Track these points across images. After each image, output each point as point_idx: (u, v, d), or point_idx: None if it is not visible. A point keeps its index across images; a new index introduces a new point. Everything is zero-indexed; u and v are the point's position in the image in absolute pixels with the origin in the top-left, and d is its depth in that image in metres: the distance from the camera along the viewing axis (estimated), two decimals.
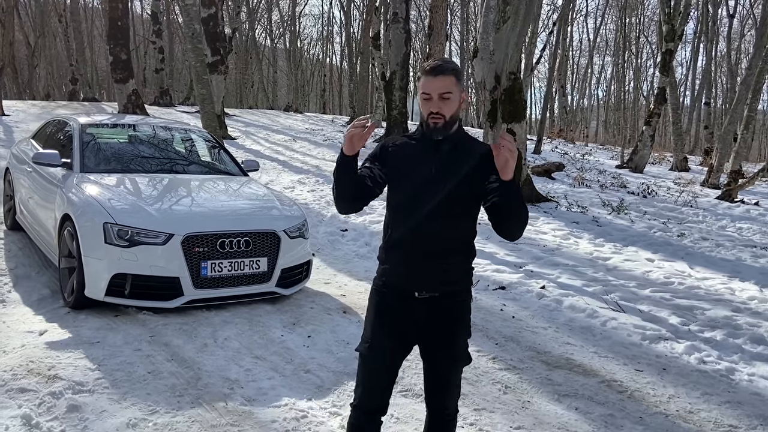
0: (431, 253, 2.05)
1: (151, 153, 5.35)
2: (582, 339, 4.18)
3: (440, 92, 2.01)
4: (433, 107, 2.02)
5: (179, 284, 3.97)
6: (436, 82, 2.01)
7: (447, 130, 2.05)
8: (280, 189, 9.90)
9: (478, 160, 2.07)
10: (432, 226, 2.04)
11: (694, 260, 6.98)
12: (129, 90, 16.34)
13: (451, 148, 2.08)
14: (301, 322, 4.06)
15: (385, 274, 2.13)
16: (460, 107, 2.10)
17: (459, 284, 2.13)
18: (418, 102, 2.08)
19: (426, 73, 2.04)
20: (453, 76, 2.04)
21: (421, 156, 2.08)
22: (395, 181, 2.10)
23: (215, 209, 4.39)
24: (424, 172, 2.06)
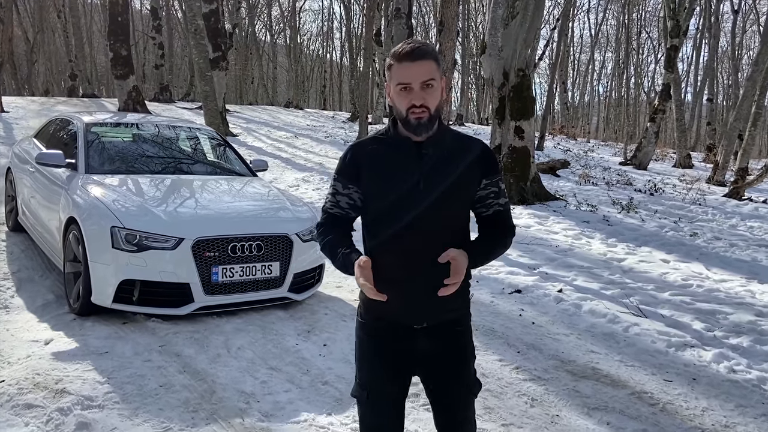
0: (427, 278, 1.73)
1: (157, 153, 5.20)
2: (606, 346, 4.04)
3: (423, 80, 1.68)
4: (416, 99, 1.68)
5: (189, 290, 3.82)
6: (416, 68, 1.68)
7: (432, 125, 1.73)
8: (284, 187, 9.76)
9: (469, 162, 1.79)
10: (424, 249, 1.73)
11: (710, 261, 6.85)
12: (129, 86, 16.19)
13: (436, 151, 1.76)
14: (316, 330, 3.92)
15: (372, 307, 1.80)
16: (443, 98, 1.78)
17: (461, 307, 1.87)
18: (391, 96, 1.73)
19: (400, 58, 1.69)
20: (433, 60, 1.71)
21: (401, 164, 1.75)
22: (374, 199, 1.77)
23: (225, 212, 4.24)
24: (408, 183, 1.73)
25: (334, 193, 1.84)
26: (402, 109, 1.72)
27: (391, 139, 1.79)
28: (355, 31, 36.12)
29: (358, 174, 1.78)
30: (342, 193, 1.82)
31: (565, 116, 35.99)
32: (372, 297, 1.67)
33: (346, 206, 1.82)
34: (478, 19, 37.43)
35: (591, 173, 14.19)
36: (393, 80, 1.72)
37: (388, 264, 1.75)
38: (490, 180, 1.82)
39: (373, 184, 1.76)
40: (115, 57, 16.20)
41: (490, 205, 1.85)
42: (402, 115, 1.72)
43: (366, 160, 1.77)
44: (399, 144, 1.76)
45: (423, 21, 39.82)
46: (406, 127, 1.72)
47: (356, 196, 1.81)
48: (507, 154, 9.46)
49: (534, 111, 9.86)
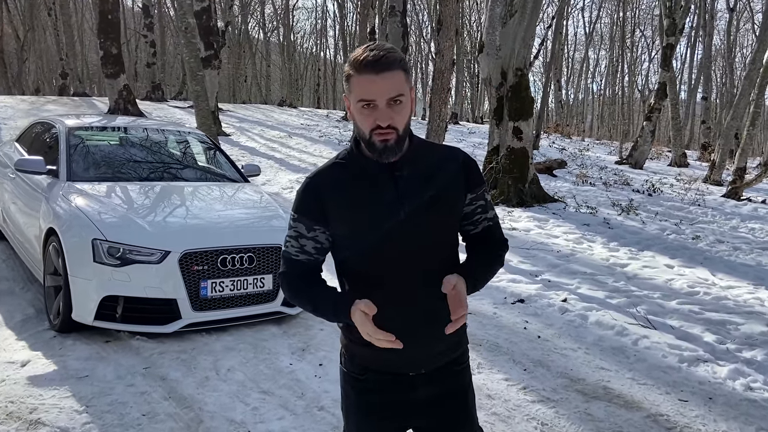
0: (418, 320, 1.51)
1: (143, 158, 4.97)
2: (616, 362, 3.85)
3: (390, 96, 1.39)
4: (382, 119, 1.39)
5: (176, 306, 3.60)
6: (381, 82, 1.37)
7: (401, 147, 1.45)
8: (278, 189, 9.55)
9: (451, 177, 1.53)
10: (414, 286, 1.49)
11: (715, 266, 6.69)
12: (120, 85, 15.91)
13: (412, 171, 1.49)
14: (311, 348, 3.71)
15: (359, 354, 1.56)
16: (413, 111, 1.52)
17: (459, 346, 1.63)
18: (352, 111, 1.45)
19: (362, 68, 1.38)
20: (401, 70, 1.41)
21: (374, 193, 1.47)
22: (348, 239, 1.49)
23: (215, 221, 4.01)
24: (388, 216, 1.45)
25: (297, 236, 1.53)
26: (365, 130, 1.43)
27: (357, 164, 1.49)
28: (349, 29, 35.87)
29: (322, 212, 1.48)
30: (307, 237, 1.52)
31: (560, 114, 35.90)
32: (387, 346, 1.40)
33: (313, 251, 1.53)
34: (473, 17, 37.24)
35: (588, 173, 14.06)
36: (353, 94, 1.42)
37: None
38: (476, 193, 1.57)
39: (345, 222, 1.48)
40: (105, 55, 15.91)
41: (478, 222, 1.61)
42: (365, 135, 1.43)
43: (330, 194, 1.48)
44: (367, 168, 1.48)
45: (417, 19, 39.57)
46: (371, 150, 1.45)
47: (323, 237, 1.52)
48: (505, 155, 9.27)
49: (532, 111, 9.68)
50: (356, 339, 1.50)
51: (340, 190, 1.47)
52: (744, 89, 15.31)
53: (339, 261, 1.56)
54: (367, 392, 1.58)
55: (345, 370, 1.63)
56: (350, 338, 1.57)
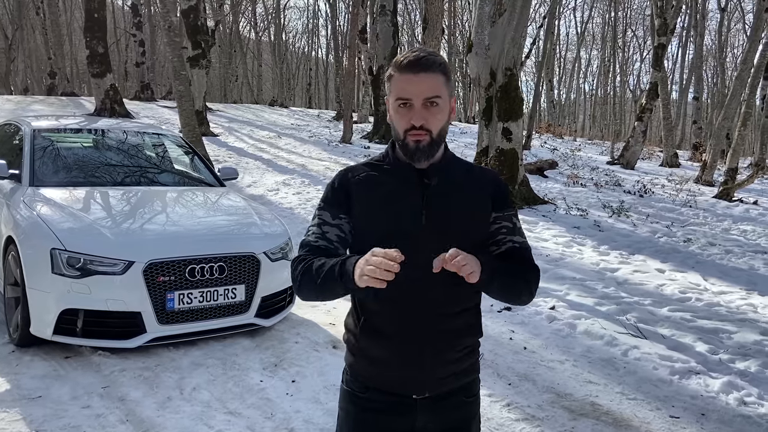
0: (431, 339, 1.47)
1: (115, 162, 4.75)
2: (604, 375, 3.69)
3: (426, 96, 1.40)
4: (416, 118, 1.40)
5: (141, 320, 3.40)
6: (419, 82, 1.40)
7: (433, 152, 1.45)
8: (263, 192, 9.34)
9: (479, 195, 1.52)
10: (428, 301, 1.45)
11: (707, 270, 6.54)
12: (107, 85, 15.68)
13: (441, 180, 1.48)
14: (284, 363, 3.51)
15: (363, 371, 1.52)
16: (450, 119, 1.49)
17: (470, 370, 1.57)
18: (389, 112, 1.47)
19: (402, 68, 1.41)
20: (441, 73, 1.42)
21: (400, 194, 1.47)
22: (366, 235, 1.48)
23: (184, 229, 3.81)
24: (408, 218, 1.45)
25: (321, 224, 1.51)
26: (399, 129, 1.45)
27: (390, 165, 1.51)
28: (340, 29, 35.63)
29: (348, 204, 1.49)
30: (331, 224, 1.50)
31: (552, 114, 35.83)
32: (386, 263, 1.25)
33: (335, 239, 1.50)
34: (464, 17, 37.12)
35: (579, 174, 13.95)
36: (392, 94, 1.45)
37: (382, 315, 1.47)
38: (501, 213, 1.54)
39: (365, 217, 1.48)
40: (91, 54, 15.67)
41: (502, 242, 1.54)
42: (399, 136, 1.45)
43: (357, 189, 1.49)
44: (398, 171, 1.49)
45: (409, 18, 39.41)
46: (403, 150, 1.46)
47: (348, 228, 1.50)
48: (494, 156, 9.11)
49: (522, 112, 9.51)
50: (356, 350, 1.51)
51: (368, 187, 1.49)
52: (735, 89, 15.23)
53: None
54: (368, 410, 1.52)
55: (347, 388, 1.57)
56: (353, 350, 1.53)
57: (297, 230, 7.18)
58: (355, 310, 1.54)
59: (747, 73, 14.65)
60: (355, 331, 1.52)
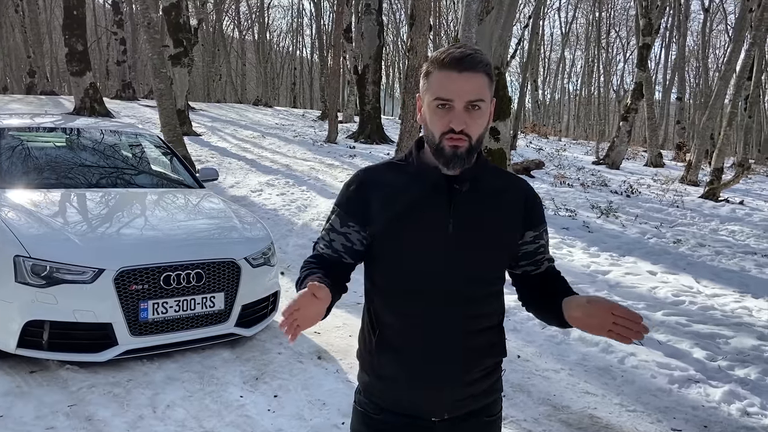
0: (453, 358, 1.35)
1: (88, 162, 4.50)
2: (602, 385, 3.54)
3: (470, 99, 1.26)
4: (457, 122, 1.26)
5: (111, 332, 3.17)
6: (463, 81, 1.25)
7: (470, 159, 1.31)
8: (246, 192, 9.11)
9: (512, 207, 1.40)
10: (451, 317, 1.33)
11: (698, 272, 6.45)
12: (86, 83, 15.37)
13: (472, 188, 1.35)
14: (266, 376, 3.31)
15: (378, 391, 1.41)
16: (489, 124, 1.35)
17: (493, 390, 1.45)
18: (423, 112, 1.32)
19: (444, 65, 1.27)
20: (485, 74, 1.29)
21: (426, 200, 1.33)
22: (386, 244, 1.35)
23: (159, 234, 3.59)
24: (433, 227, 1.32)
25: (329, 230, 1.42)
26: (436, 133, 1.30)
27: (414, 168, 1.37)
28: (325, 28, 35.37)
29: (365, 210, 1.36)
30: (338, 231, 1.39)
31: (537, 114, 35.90)
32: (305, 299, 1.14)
33: (340, 248, 1.39)
34: (450, 16, 37.05)
35: (566, 174, 13.91)
36: (429, 92, 1.30)
37: (400, 332, 1.35)
38: (538, 231, 1.44)
39: (387, 225, 1.34)
40: (70, 52, 15.34)
41: (540, 262, 1.46)
42: (434, 140, 1.30)
43: (378, 193, 1.36)
44: (424, 175, 1.35)
45: (394, 18, 39.26)
46: (438, 156, 1.31)
47: (356, 237, 1.38)
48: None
49: (510, 111, 9.39)
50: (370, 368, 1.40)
51: (390, 191, 1.35)
52: (719, 90, 15.26)
53: (369, 275, 1.41)
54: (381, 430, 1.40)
55: (360, 409, 1.45)
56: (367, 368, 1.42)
57: (281, 232, 6.97)
58: (370, 323, 1.40)
59: (731, 73, 14.69)
60: (370, 347, 1.40)
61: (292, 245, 6.41)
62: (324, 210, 8.00)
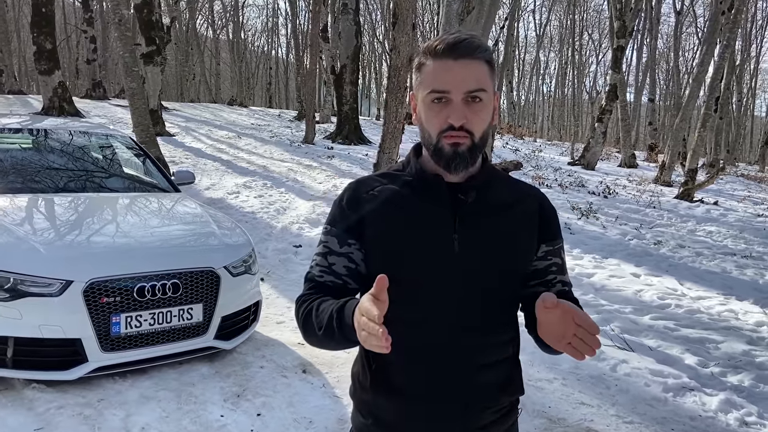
0: (462, 397, 1.18)
1: (57, 165, 4.26)
2: (596, 394, 3.44)
3: (468, 89, 1.10)
4: (455, 116, 1.10)
5: (81, 348, 2.96)
6: (460, 70, 1.10)
7: (474, 159, 1.15)
8: (222, 195, 8.86)
9: (526, 219, 1.24)
10: (459, 350, 1.17)
11: (681, 274, 6.44)
12: (55, 82, 14.95)
13: (479, 198, 1.19)
14: (248, 392, 3.12)
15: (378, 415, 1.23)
16: (494, 120, 1.19)
17: (507, 418, 1.29)
18: (418, 111, 1.17)
19: (438, 53, 1.12)
20: (485, 61, 1.13)
21: (427, 214, 1.17)
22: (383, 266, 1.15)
23: (132, 242, 3.37)
24: (438, 251, 1.15)
25: (326, 254, 1.21)
26: (432, 131, 1.14)
27: (413, 178, 1.21)
28: (301, 28, 35.02)
29: (360, 226, 1.19)
30: (338, 253, 1.20)
31: (512, 115, 36.12)
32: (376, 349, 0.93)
33: (343, 272, 1.20)
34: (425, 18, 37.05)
35: (543, 175, 13.96)
36: (423, 86, 1.14)
37: (401, 369, 1.18)
38: (552, 246, 1.27)
39: (383, 243, 1.18)
40: (39, 51, 14.91)
41: (552, 283, 1.27)
42: (431, 139, 1.15)
43: (372, 208, 1.19)
44: (424, 185, 1.19)
45: (370, 18, 39.09)
46: (436, 157, 1.15)
47: (359, 258, 1.20)
48: None
49: None
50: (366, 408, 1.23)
51: (386, 204, 1.19)
52: (692, 91, 15.46)
53: None
54: None
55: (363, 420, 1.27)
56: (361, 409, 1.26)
57: (260, 236, 6.77)
58: (365, 358, 1.22)
59: (704, 74, 14.89)
60: (365, 385, 1.22)
61: (271, 249, 6.22)
62: (304, 212, 7.81)
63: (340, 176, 10.44)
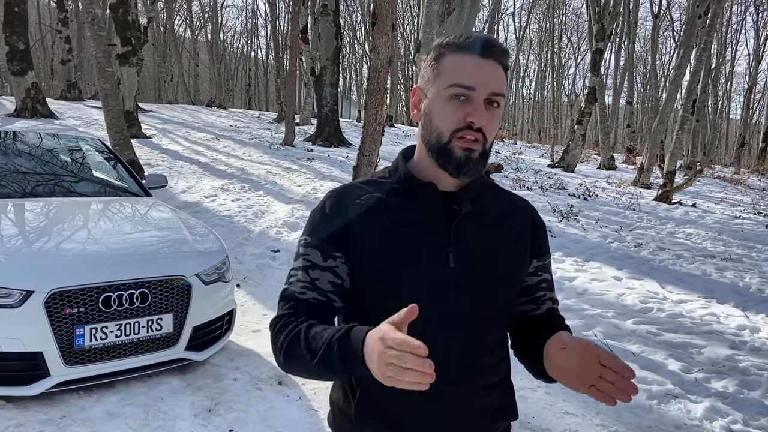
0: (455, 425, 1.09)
1: (22, 169, 4.08)
2: (580, 404, 3.36)
3: (493, 90, 1.02)
4: (477, 115, 1.00)
5: (43, 361, 2.80)
6: (488, 68, 1.02)
7: (480, 168, 1.05)
8: (199, 198, 8.67)
9: (519, 233, 1.15)
10: (453, 373, 1.07)
11: (661, 277, 6.43)
12: (28, 83, 14.66)
13: (475, 209, 1.09)
14: (220, 407, 2.99)
15: None
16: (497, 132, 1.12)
17: None
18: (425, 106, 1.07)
19: (465, 48, 1.02)
20: (504, 69, 1.06)
21: (418, 231, 1.07)
22: (369, 290, 1.08)
23: (98, 249, 3.21)
24: (432, 266, 1.06)
25: (308, 268, 1.08)
26: (445, 129, 1.02)
27: (402, 185, 1.10)
28: (280, 29, 34.80)
29: (347, 237, 1.07)
30: (322, 267, 1.07)
31: None
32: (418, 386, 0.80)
33: (328, 288, 1.07)
34: (406, 19, 37.06)
35: (523, 177, 13.98)
36: (441, 77, 1.03)
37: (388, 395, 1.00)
38: (542, 262, 1.20)
39: (371, 257, 1.06)
40: (11, 51, 14.59)
41: (541, 301, 1.20)
42: (441, 138, 1.03)
43: (359, 217, 1.08)
44: (414, 193, 1.08)
45: (351, 20, 38.97)
46: (443, 159, 1.04)
47: (344, 272, 1.08)
48: None
49: None
50: None
51: (374, 214, 1.08)
52: (670, 94, 15.61)
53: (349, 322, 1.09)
54: None
55: None
56: None
57: (237, 240, 6.61)
58: (348, 383, 1.11)
59: (681, 78, 15.04)
60: (348, 413, 1.09)
61: (248, 254, 6.07)
62: (282, 216, 7.67)
63: (320, 179, 10.32)
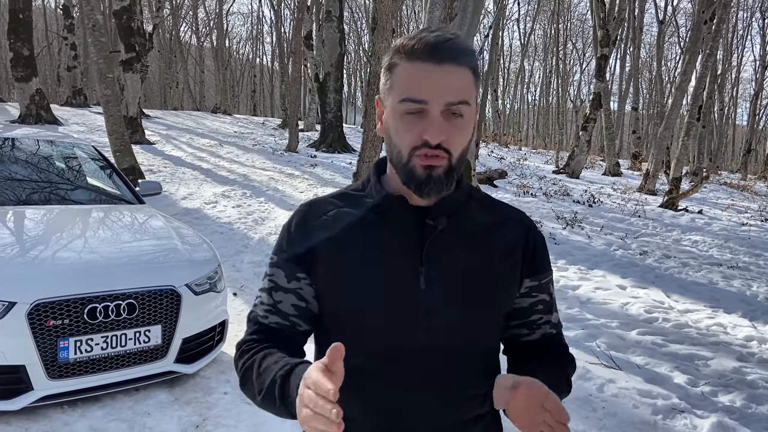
0: None
1: (11, 176, 4.01)
2: (583, 418, 3.25)
3: (449, 101, 0.90)
4: (432, 132, 0.90)
5: (26, 375, 2.72)
6: (441, 76, 0.90)
7: (450, 184, 0.95)
8: (199, 205, 8.61)
9: (506, 249, 1.04)
10: (434, 405, 0.99)
11: (667, 286, 6.30)
12: (32, 89, 14.72)
13: (452, 225, 1.00)
14: (209, 422, 2.89)
15: None
16: (473, 138, 0.99)
17: None
18: (385, 120, 0.97)
19: (416, 54, 0.91)
20: (470, 69, 0.93)
21: (389, 244, 0.99)
22: (337, 313, 1.00)
23: (85, 258, 3.13)
24: (402, 285, 0.97)
25: (272, 289, 1.03)
26: (403, 147, 0.93)
27: (373, 199, 1.01)
28: (285, 35, 34.90)
29: (310, 257, 1.00)
30: (285, 288, 1.01)
31: (497, 124, 36.20)
32: None
33: (291, 312, 1.01)
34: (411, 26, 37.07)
35: (528, 183, 13.87)
36: (394, 91, 0.93)
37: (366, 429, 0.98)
38: (538, 281, 1.07)
39: (336, 278, 0.99)
40: (15, 57, 14.68)
41: (536, 325, 1.09)
42: (401, 156, 0.94)
43: (325, 235, 1.00)
44: (386, 209, 1.00)
45: (355, 26, 39.06)
46: (406, 178, 0.95)
47: (309, 294, 1.01)
48: None
49: None
50: None
51: (341, 231, 1.00)
52: (676, 100, 15.49)
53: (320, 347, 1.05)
54: None
55: None
56: None
57: (235, 248, 6.54)
58: None
59: (687, 83, 14.92)
60: None
61: (246, 262, 5.99)
62: (283, 222, 7.60)
63: (323, 185, 10.25)
